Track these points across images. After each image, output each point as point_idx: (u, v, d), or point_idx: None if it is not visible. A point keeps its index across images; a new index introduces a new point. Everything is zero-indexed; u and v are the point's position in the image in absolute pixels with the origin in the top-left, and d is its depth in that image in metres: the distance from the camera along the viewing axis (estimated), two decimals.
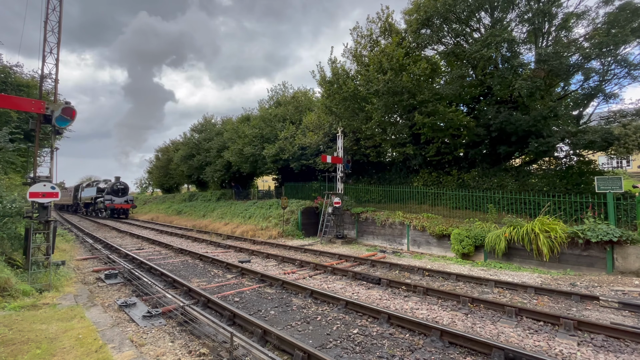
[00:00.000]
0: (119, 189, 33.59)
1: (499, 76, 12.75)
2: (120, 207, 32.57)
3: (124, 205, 33.01)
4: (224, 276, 9.18)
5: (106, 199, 32.40)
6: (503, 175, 14.17)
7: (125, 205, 33.15)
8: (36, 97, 9.94)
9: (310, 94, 26.02)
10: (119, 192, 33.52)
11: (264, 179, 38.06)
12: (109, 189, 33.35)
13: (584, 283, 8.10)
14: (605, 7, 11.98)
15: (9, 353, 4.10)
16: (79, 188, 40.99)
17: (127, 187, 34.55)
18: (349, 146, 18.35)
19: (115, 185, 33.48)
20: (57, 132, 8.42)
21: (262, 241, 15.56)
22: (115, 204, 32.18)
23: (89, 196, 36.39)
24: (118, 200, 32.95)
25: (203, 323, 5.29)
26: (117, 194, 33.30)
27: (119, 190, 33.54)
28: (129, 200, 33.97)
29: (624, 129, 11.29)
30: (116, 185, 33.55)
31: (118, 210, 32.62)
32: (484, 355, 4.44)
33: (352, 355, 4.49)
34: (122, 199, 33.45)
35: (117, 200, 32.76)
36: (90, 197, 35.68)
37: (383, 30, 15.30)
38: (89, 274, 9.19)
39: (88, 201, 36.68)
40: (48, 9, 8.57)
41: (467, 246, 11.09)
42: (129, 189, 35.05)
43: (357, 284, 8.17)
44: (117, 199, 32.92)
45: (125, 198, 33.67)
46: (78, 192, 40.81)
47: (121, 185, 33.87)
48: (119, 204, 32.56)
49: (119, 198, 33.21)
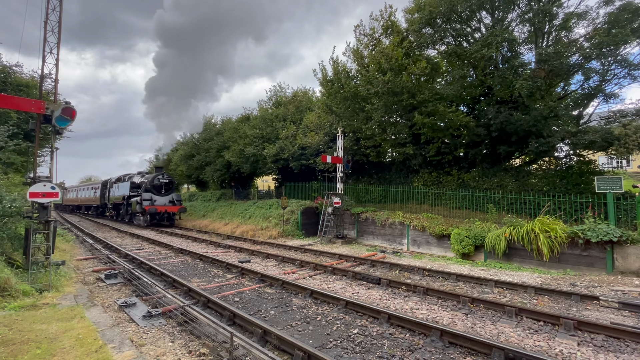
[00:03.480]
0: (162, 183, 24.34)
1: (500, 76, 12.75)
2: (164, 211, 23.14)
3: (169, 208, 23.52)
4: (224, 276, 9.18)
5: (144, 198, 23.17)
6: (503, 175, 14.17)
7: (171, 207, 23.69)
8: (36, 97, 9.94)
9: (311, 93, 26.05)
10: (161, 188, 24.22)
11: (264, 179, 38.00)
12: (148, 184, 24.09)
13: (584, 283, 8.10)
14: (605, 7, 11.98)
15: (9, 353, 4.10)
16: (107, 184, 31.01)
17: (173, 182, 25.35)
18: (349, 146, 18.35)
19: (157, 179, 24.32)
20: (57, 132, 8.43)
21: (262, 241, 15.56)
22: (156, 205, 23.03)
23: (119, 195, 27.02)
24: (160, 200, 23.77)
25: (203, 323, 5.29)
26: (159, 191, 24.08)
27: (161, 185, 24.24)
28: (175, 201, 24.52)
29: (624, 129, 11.29)
30: (157, 178, 24.37)
31: (161, 214, 23.13)
32: (484, 355, 4.44)
33: (352, 355, 4.49)
34: (166, 197, 24.21)
35: (159, 201, 23.65)
36: (122, 195, 26.28)
37: (385, 28, 15.32)
38: (89, 274, 9.19)
39: (118, 201, 27.36)
40: (48, 9, 8.57)
41: (467, 246, 11.09)
42: (174, 183, 25.86)
43: (357, 284, 8.17)
44: (160, 198, 23.87)
45: (170, 197, 24.42)
46: (106, 190, 30.86)
47: (164, 178, 24.68)
48: (161, 205, 23.31)
49: (162, 197, 24.02)
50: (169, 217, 23.96)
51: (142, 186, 24.52)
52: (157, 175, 24.62)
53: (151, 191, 23.84)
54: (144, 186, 24.27)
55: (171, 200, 24.44)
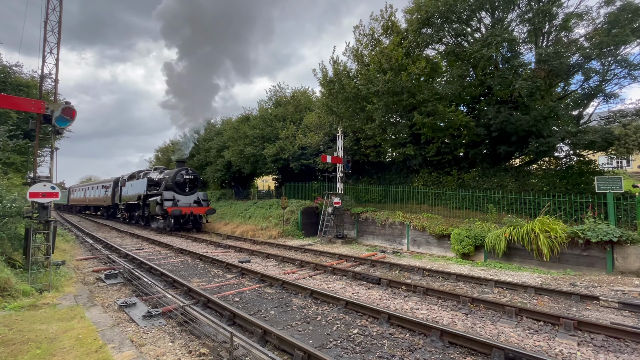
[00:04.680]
0: (186, 180, 20.35)
1: (499, 76, 12.75)
2: (189, 212, 19.12)
3: (196, 209, 19.49)
4: (224, 276, 9.18)
5: (165, 198, 19.27)
6: (503, 175, 14.17)
7: (198, 208, 19.65)
8: (36, 97, 9.94)
9: (310, 93, 26.05)
10: (185, 185, 20.26)
11: (264, 179, 37.99)
12: (169, 181, 20.13)
13: (584, 283, 8.10)
14: (606, 7, 11.99)
15: (9, 353, 4.09)
16: (118, 183, 27.29)
17: (198, 178, 21.47)
18: (349, 146, 18.36)
19: (180, 175, 20.27)
20: (57, 132, 8.43)
21: (262, 241, 15.56)
22: (180, 206, 19.11)
23: (133, 194, 23.24)
24: (184, 199, 19.95)
25: (203, 323, 5.29)
26: (183, 189, 20.18)
27: (185, 182, 20.29)
28: (201, 200, 20.62)
29: (624, 129, 11.28)
30: (181, 174, 20.32)
31: (186, 217, 19.22)
32: (484, 355, 4.44)
33: (352, 355, 4.49)
34: (191, 197, 20.37)
35: (182, 201, 19.78)
36: (137, 195, 22.54)
37: (385, 28, 15.32)
38: (89, 274, 9.18)
39: (132, 201, 23.56)
40: (48, 9, 8.57)
41: (467, 246, 11.09)
42: (199, 180, 21.85)
43: (357, 284, 8.17)
44: (183, 197, 19.98)
45: (194, 196, 20.66)
46: (118, 189, 27.10)
47: (188, 174, 20.64)
48: (185, 206, 19.44)
49: (186, 196, 20.15)
50: (194, 221, 20.01)
51: (162, 184, 20.43)
52: (180, 171, 20.43)
53: (173, 189, 19.91)
54: (164, 184, 20.27)
55: (197, 200, 20.46)
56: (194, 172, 21.29)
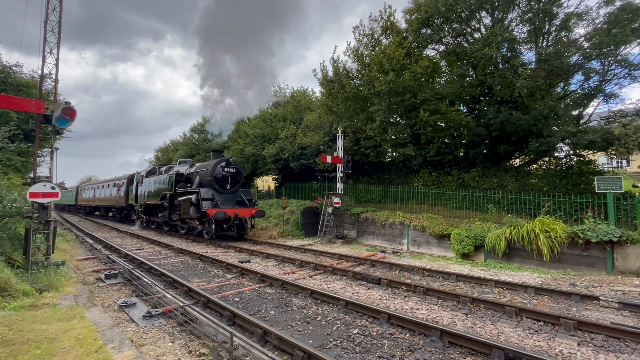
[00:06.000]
0: (227, 175, 16.05)
1: (500, 76, 12.76)
2: (234, 215, 14.74)
3: (241, 211, 15.18)
4: (224, 276, 9.18)
5: (203, 197, 14.92)
6: (503, 175, 14.17)
7: (243, 210, 15.37)
8: (36, 97, 9.94)
9: (310, 93, 26.05)
10: (225, 181, 15.98)
11: (264, 179, 38.01)
12: (206, 176, 15.90)
13: (584, 283, 8.10)
14: (605, 7, 11.99)
15: (9, 353, 4.09)
16: (133, 180, 23.19)
17: (241, 172, 16.97)
18: (349, 146, 18.37)
19: (220, 168, 15.93)
20: (57, 132, 8.43)
21: (262, 241, 15.55)
22: (225, 208, 14.86)
23: (154, 193, 19.17)
24: (226, 199, 15.73)
25: (203, 323, 5.28)
26: (224, 186, 15.90)
27: (226, 177, 15.99)
28: (246, 200, 16.23)
29: (624, 129, 11.29)
30: (221, 167, 15.98)
31: (230, 221, 14.85)
32: (484, 355, 4.43)
33: (352, 355, 4.48)
34: (233, 196, 16.21)
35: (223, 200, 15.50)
36: (160, 193, 18.39)
37: (385, 29, 15.32)
38: (89, 274, 9.18)
39: (153, 202, 19.38)
40: (48, 9, 8.57)
41: (467, 246, 11.09)
42: (242, 175, 17.22)
43: (357, 284, 8.17)
44: (224, 196, 15.75)
45: (237, 195, 16.44)
46: (132, 188, 23.04)
47: (231, 167, 16.32)
48: (229, 207, 15.13)
49: (227, 195, 15.96)
50: (239, 225, 15.86)
51: (195, 179, 16.47)
52: (220, 162, 16.03)
53: (212, 186, 15.61)
54: (198, 179, 16.19)
55: (240, 199, 16.14)
56: (236, 164, 16.83)
